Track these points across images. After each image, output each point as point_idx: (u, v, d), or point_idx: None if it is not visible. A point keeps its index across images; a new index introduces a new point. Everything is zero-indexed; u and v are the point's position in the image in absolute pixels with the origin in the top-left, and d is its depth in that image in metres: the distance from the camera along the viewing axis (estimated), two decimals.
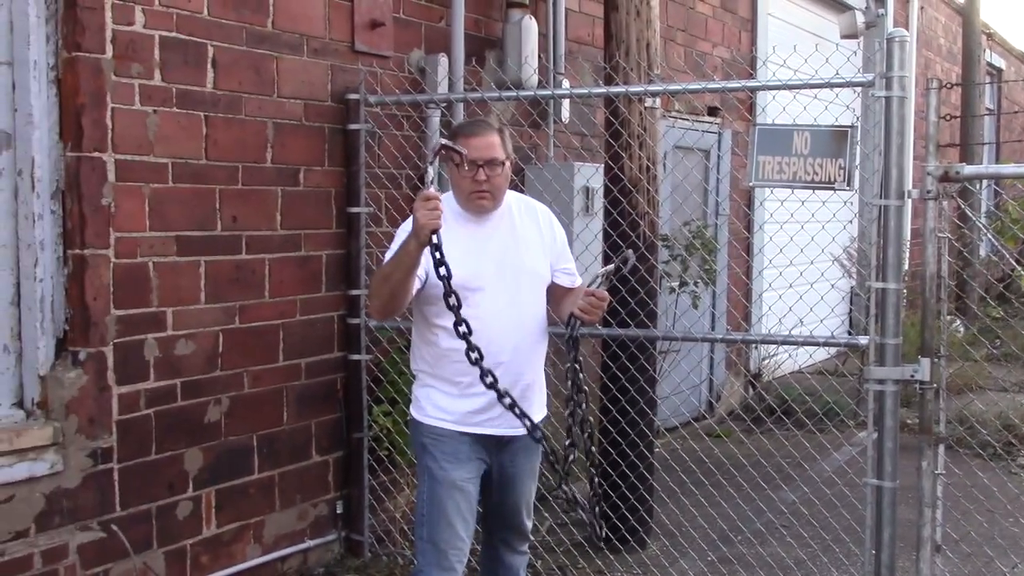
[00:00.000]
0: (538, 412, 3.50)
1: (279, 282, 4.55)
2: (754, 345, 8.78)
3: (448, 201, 3.45)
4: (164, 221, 4.06)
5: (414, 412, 3.50)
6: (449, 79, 5.32)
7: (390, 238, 5.00)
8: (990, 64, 15.93)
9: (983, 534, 4.99)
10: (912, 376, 3.70)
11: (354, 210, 4.88)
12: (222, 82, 4.27)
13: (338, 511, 4.90)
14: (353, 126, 4.85)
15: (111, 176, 3.85)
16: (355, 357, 4.89)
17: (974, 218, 9.78)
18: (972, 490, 5.30)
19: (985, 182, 12.87)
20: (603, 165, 5.37)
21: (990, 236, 9.28)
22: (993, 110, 16.68)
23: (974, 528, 5.01)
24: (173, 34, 4.06)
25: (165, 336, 4.08)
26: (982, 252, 13.00)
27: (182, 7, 4.09)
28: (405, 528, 5.10)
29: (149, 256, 4.01)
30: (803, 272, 5.71)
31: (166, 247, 4.08)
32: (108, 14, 3.81)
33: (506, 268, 3.39)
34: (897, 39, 3.65)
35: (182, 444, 4.18)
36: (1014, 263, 8.75)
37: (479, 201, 3.37)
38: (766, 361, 9.04)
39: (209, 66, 4.21)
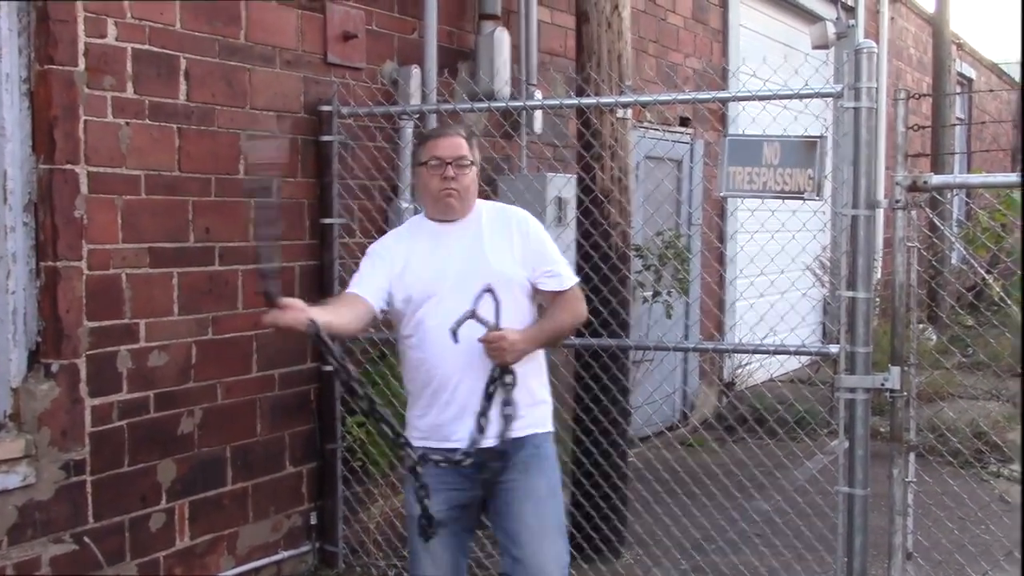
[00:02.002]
0: (525, 424, 3.37)
1: (252, 293, 4.58)
2: (727, 354, 8.90)
3: (414, 221, 3.59)
4: (137, 233, 4.10)
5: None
6: (422, 91, 5.39)
7: (363, 249, 5.09)
8: (960, 74, 16.16)
9: (954, 541, 5.03)
10: (883, 384, 3.76)
11: (327, 221, 4.93)
12: (195, 94, 4.31)
13: (312, 522, 4.94)
14: (326, 138, 4.91)
15: (84, 188, 3.89)
16: (328, 368, 4.93)
17: (943, 228, 9.91)
18: (943, 498, 5.36)
19: (955, 191, 13.08)
20: (575, 176, 5.45)
21: (960, 245, 9.41)
22: (964, 120, 16.91)
23: (945, 536, 5.06)
24: (146, 47, 4.11)
25: (138, 348, 4.12)
26: (953, 261, 13.18)
27: (155, 19, 4.14)
28: (379, 539, 5.14)
29: (122, 268, 4.05)
30: (774, 281, 5.79)
31: (139, 259, 4.12)
32: (80, 27, 3.86)
33: (469, 274, 3.31)
34: (865, 50, 3.74)
35: (155, 456, 4.21)
36: (984, 272, 8.89)
37: (447, 199, 3.39)
38: (739, 370, 9.15)
39: (182, 78, 4.26)
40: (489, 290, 3.21)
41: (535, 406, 3.44)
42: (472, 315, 3.19)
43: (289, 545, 4.85)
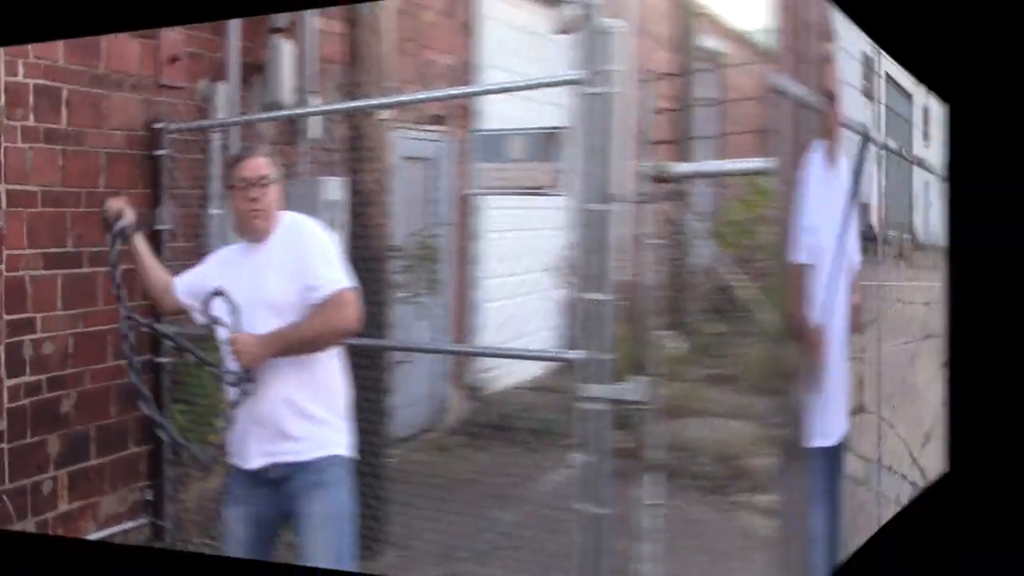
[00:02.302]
0: (307, 447, 4.74)
1: (108, 293, 7.41)
2: (474, 357, 11.50)
3: (231, 249, 5.12)
4: (36, 240, 6.87)
5: None
6: (227, 105, 8.32)
7: (187, 252, 8.02)
8: (708, 49, 18.96)
9: (703, 575, 6.05)
10: (624, 395, 4.47)
11: (158, 228, 7.80)
12: (72, 119, 7.11)
13: (147, 498, 7.80)
14: (157, 152, 7.73)
15: (3, 203, 6.66)
16: (158, 360, 7.82)
17: (686, 222, 11.69)
18: (690, 525, 6.49)
19: (706, 181, 15.53)
20: (345, 179, 7.83)
21: (707, 241, 11.81)
22: (717, 100, 20.09)
23: (695, 568, 6.01)
24: (41, 81, 6.89)
25: (36, 338, 6.90)
26: (704, 259, 15.60)
27: (47, 57, 6.91)
28: (197, 519, 8.03)
29: (26, 270, 6.81)
30: (522, 282, 8.02)
31: (36, 262, 6.89)
32: (1, 68, 6.63)
33: (247, 299, 4.70)
34: (602, 31, 4.65)
35: (46, 431, 6.98)
36: (732, 271, 10.96)
37: (253, 220, 4.80)
38: (486, 374, 11.59)
39: (63, 106, 7.07)
40: (218, 293, 4.74)
41: (318, 425, 4.78)
42: (214, 321, 4.81)
43: (132, 517, 7.67)
